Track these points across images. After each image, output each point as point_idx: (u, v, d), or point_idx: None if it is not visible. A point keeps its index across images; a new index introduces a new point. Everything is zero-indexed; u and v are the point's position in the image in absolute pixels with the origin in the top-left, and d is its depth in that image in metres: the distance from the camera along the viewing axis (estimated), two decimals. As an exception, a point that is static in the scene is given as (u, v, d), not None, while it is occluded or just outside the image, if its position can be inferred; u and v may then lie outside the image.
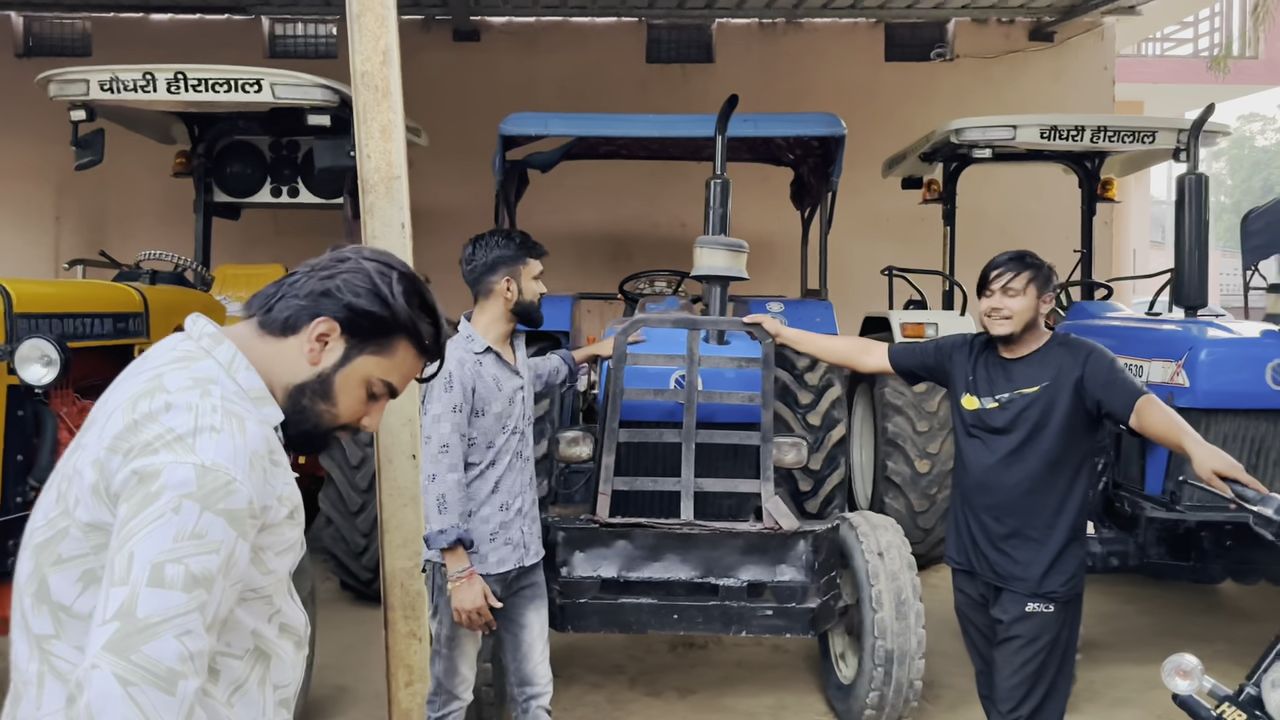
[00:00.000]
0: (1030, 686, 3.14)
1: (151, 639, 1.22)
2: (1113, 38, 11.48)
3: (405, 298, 1.56)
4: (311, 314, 1.52)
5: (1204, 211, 5.41)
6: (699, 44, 11.48)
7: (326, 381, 1.54)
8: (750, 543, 3.90)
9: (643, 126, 6.18)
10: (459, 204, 9.95)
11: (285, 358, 1.53)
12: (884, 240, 10.13)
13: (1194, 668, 2.39)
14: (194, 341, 1.49)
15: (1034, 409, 3.14)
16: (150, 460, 1.30)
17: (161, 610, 1.23)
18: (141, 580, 1.23)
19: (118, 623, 1.22)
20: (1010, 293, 3.16)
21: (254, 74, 5.75)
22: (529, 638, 3.36)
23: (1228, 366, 4.54)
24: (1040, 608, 3.13)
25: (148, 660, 1.21)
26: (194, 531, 1.28)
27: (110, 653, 1.21)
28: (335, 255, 1.59)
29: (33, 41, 11.29)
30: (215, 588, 1.29)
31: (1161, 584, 6.14)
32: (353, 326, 1.54)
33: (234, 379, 1.47)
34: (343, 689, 4.73)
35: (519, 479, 3.30)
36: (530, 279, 3.32)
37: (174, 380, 1.41)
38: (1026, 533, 3.15)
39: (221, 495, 1.31)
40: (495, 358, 3.26)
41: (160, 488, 1.28)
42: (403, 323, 1.56)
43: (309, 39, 11.37)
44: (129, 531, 1.27)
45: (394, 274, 1.57)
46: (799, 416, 5.88)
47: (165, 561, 1.25)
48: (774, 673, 5.01)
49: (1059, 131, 6.38)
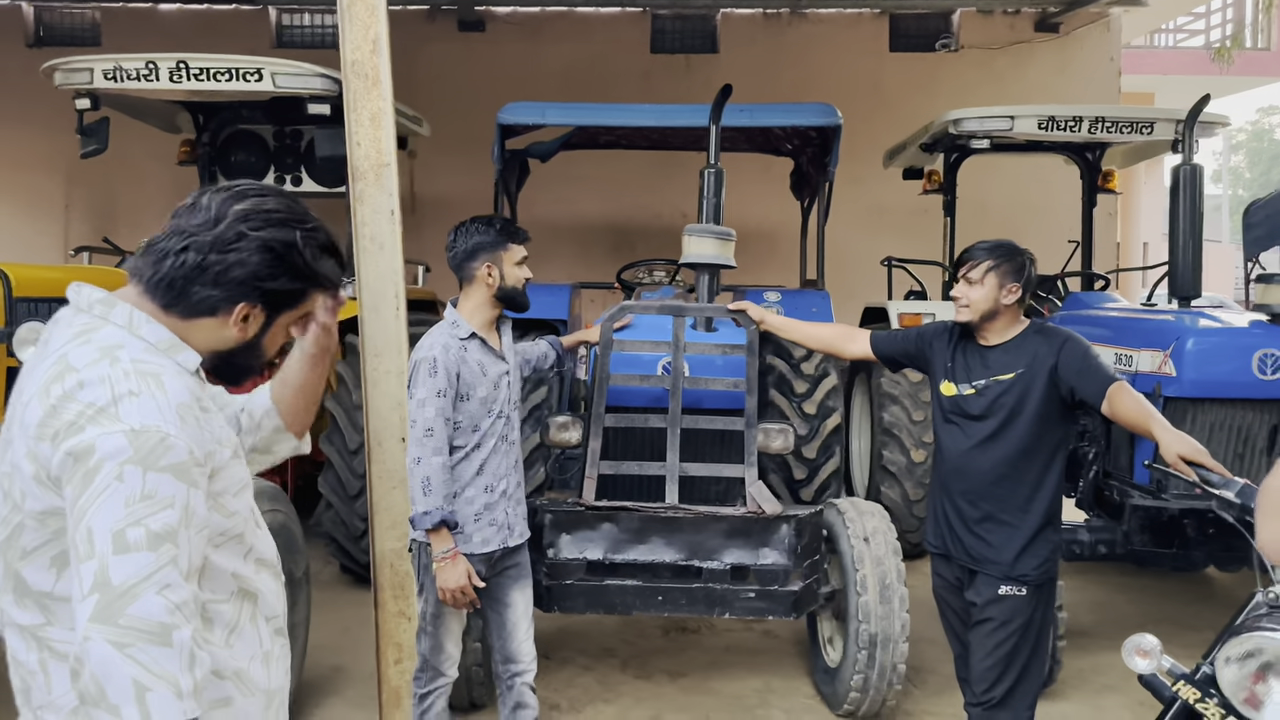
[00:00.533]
0: (1004, 669, 3.19)
1: (133, 600, 1.26)
2: (1119, 29, 11.45)
3: (317, 262, 1.58)
4: (230, 301, 1.52)
5: (1199, 203, 5.42)
6: (703, 34, 11.50)
7: (254, 345, 1.60)
8: (734, 526, 3.95)
9: (640, 116, 6.22)
10: (462, 193, 10.01)
11: (201, 332, 1.54)
12: (886, 231, 10.14)
13: (1153, 647, 2.44)
14: (86, 312, 1.49)
15: (1009, 396, 3.18)
16: (79, 439, 1.32)
17: (135, 572, 1.27)
18: (107, 550, 1.27)
19: (97, 594, 1.26)
20: (969, 281, 3.23)
21: (255, 63, 5.82)
22: (513, 616, 3.43)
23: (1215, 356, 4.56)
24: (1013, 590, 3.18)
25: (136, 620, 1.26)
26: (143, 493, 1.31)
27: (97, 623, 1.25)
28: (211, 219, 1.51)
29: (43, 31, 11.41)
30: (180, 540, 1.33)
31: (1152, 573, 6.18)
32: (272, 302, 1.57)
33: (139, 336, 1.47)
34: (338, 669, 4.81)
35: (504, 462, 3.36)
36: (512, 264, 3.36)
37: (79, 356, 1.41)
38: (1000, 517, 3.21)
39: (160, 453, 1.33)
40: (480, 343, 3.32)
41: (98, 461, 1.31)
42: (319, 281, 1.61)
43: (315, 29, 11.45)
44: (80, 509, 1.30)
45: (297, 238, 1.55)
46: (795, 405, 5.92)
47: (124, 527, 1.28)
48: (763, 657, 5.07)
49: (1057, 122, 6.39)
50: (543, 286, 6.37)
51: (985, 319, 3.24)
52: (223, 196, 1.53)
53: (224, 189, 1.54)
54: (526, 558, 3.52)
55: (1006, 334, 3.26)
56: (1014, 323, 3.28)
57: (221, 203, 1.52)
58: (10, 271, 3.72)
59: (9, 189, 11.01)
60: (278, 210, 1.55)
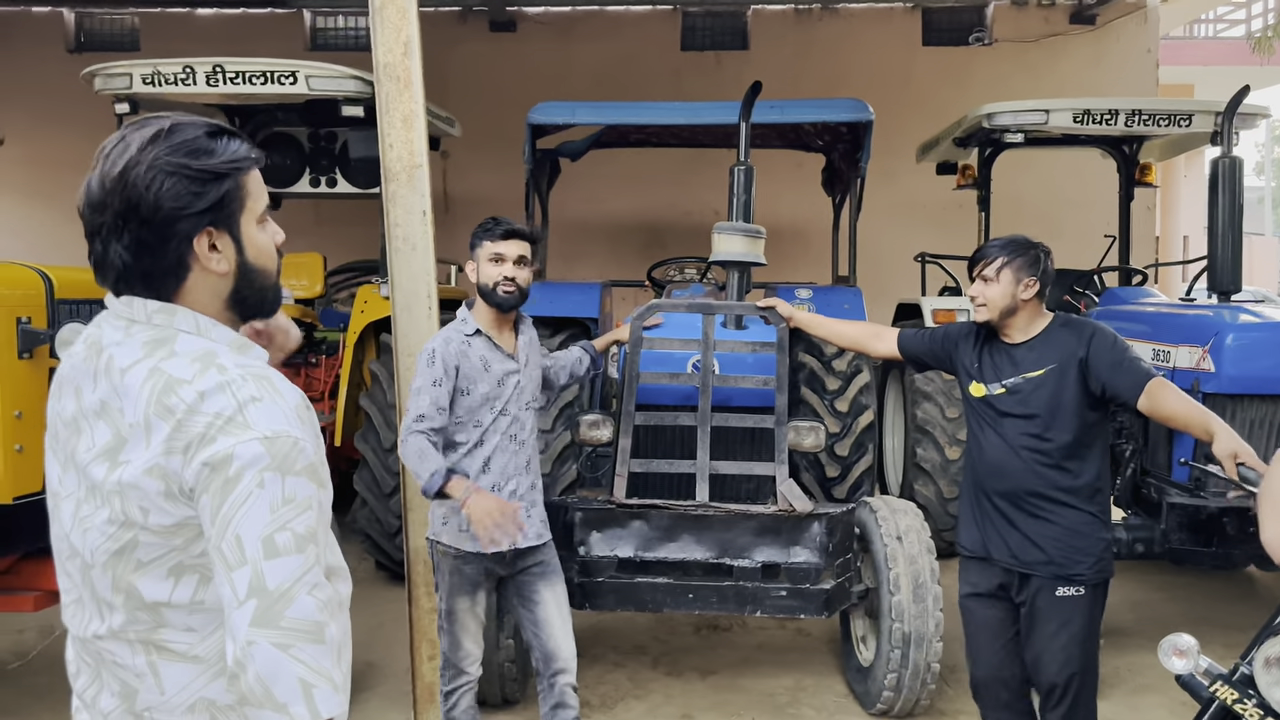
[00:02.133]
0: (1073, 670, 3.15)
1: (290, 603, 1.30)
2: (1157, 20, 11.28)
3: (220, 152, 1.45)
4: (187, 241, 1.44)
5: (1239, 195, 5.33)
6: (734, 31, 11.48)
7: (245, 268, 1.50)
8: (764, 524, 3.95)
9: (670, 114, 6.22)
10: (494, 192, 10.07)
11: (198, 291, 1.47)
12: (920, 226, 10.07)
13: (1190, 647, 2.41)
14: (145, 323, 1.45)
15: (1041, 392, 3.14)
16: (214, 449, 1.33)
17: (287, 576, 1.31)
18: (259, 556, 1.30)
19: (255, 599, 1.29)
20: (984, 280, 3.20)
21: (289, 66, 5.88)
22: (544, 613, 3.42)
23: (1255, 352, 4.49)
24: (1071, 591, 3.12)
25: (294, 622, 1.30)
26: (285, 498, 1.34)
27: (260, 627, 1.29)
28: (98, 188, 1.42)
29: (84, 37, 11.63)
30: (320, 539, 1.38)
31: (1191, 572, 6.09)
32: (219, 214, 1.46)
33: (212, 340, 1.45)
34: (371, 665, 4.86)
35: (512, 461, 3.37)
36: (486, 261, 3.35)
37: (179, 369, 1.39)
38: (1047, 516, 3.13)
39: (294, 457, 1.36)
40: (486, 340, 3.36)
41: (238, 470, 1.32)
42: (239, 165, 1.47)
43: (349, 31, 11.57)
44: (225, 518, 1.32)
45: (180, 143, 1.43)
46: (827, 403, 5.90)
47: (272, 533, 1.31)
48: (794, 655, 5.06)
49: (1093, 115, 6.30)
50: (573, 285, 6.41)
51: (1005, 315, 3.20)
52: (95, 174, 1.44)
53: (92, 169, 1.45)
54: (552, 556, 3.50)
55: (1031, 330, 3.23)
56: (1037, 317, 3.24)
57: (97, 180, 1.43)
58: (52, 274, 3.79)
59: (50, 192, 11.22)
60: (139, 140, 1.43)
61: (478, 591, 3.37)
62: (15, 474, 3.58)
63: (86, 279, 4.09)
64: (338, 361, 6.65)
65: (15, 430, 3.58)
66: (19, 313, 3.62)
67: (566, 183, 7.29)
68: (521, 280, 3.36)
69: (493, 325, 3.39)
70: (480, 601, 3.39)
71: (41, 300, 3.73)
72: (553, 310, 6.03)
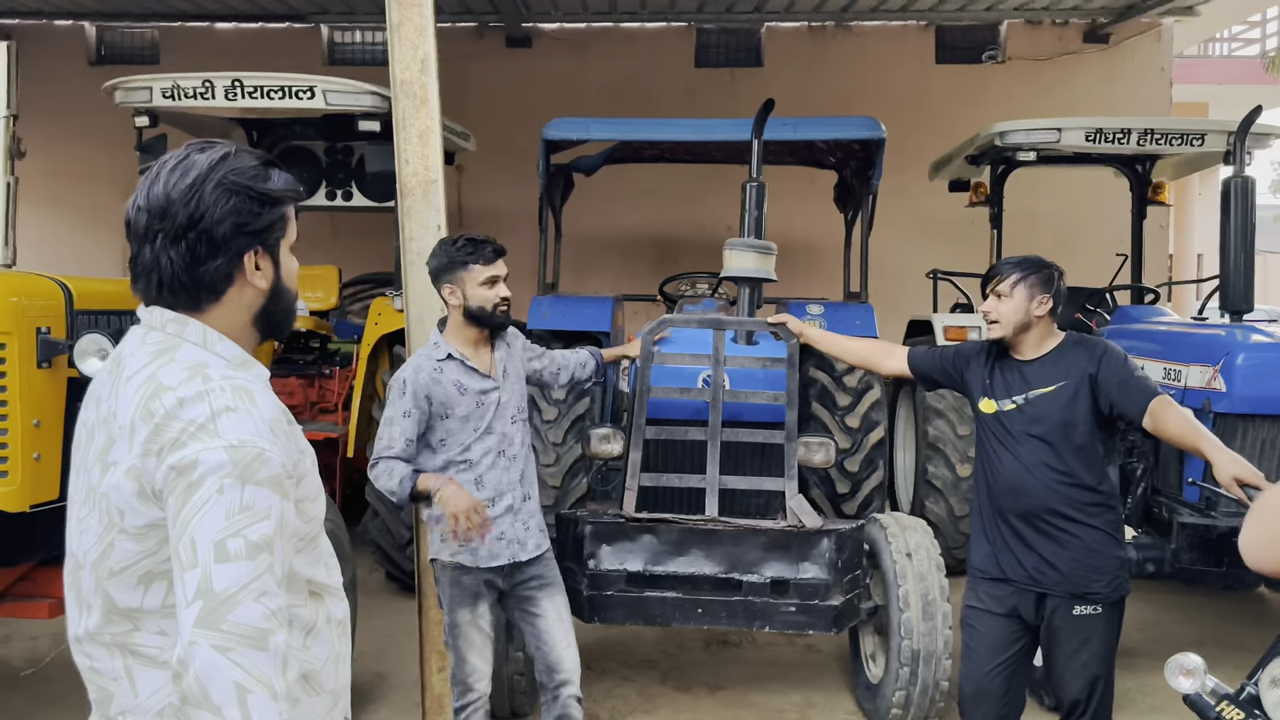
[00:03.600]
0: (1092, 688, 3.17)
1: (234, 607, 1.33)
2: (1170, 39, 11.28)
3: (271, 180, 1.58)
4: (237, 257, 1.54)
5: (1250, 215, 5.33)
6: (748, 48, 11.53)
7: (279, 290, 1.62)
8: (774, 540, 3.96)
9: (683, 131, 6.27)
10: (509, 206, 10.13)
11: (233, 307, 1.57)
12: (933, 243, 10.07)
13: (1197, 666, 2.41)
14: (160, 330, 1.53)
15: (1053, 410, 3.15)
16: (182, 454, 1.39)
17: (235, 580, 1.34)
18: (210, 559, 1.34)
19: (201, 601, 1.33)
20: (999, 296, 3.21)
21: (307, 81, 5.95)
22: (546, 625, 3.43)
23: (1266, 372, 4.48)
24: (1088, 610, 3.13)
25: (237, 626, 1.33)
26: (242, 505, 1.38)
27: (202, 628, 1.32)
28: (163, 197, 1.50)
29: (104, 50, 11.76)
30: (275, 549, 1.40)
31: (1202, 592, 6.06)
32: (268, 236, 1.58)
33: (214, 353, 1.52)
34: (381, 676, 4.88)
35: (505, 477, 3.38)
36: (476, 285, 3.32)
37: (169, 375, 1.46)
38: (1061, 535, 3.13)
39: (257, 467, 1.40)
40: (459, 364, 3.35)
41: (200, 475, 1.37)
42: (287, 195, 1.60)
43: (366, 46, 11.67)
44: (183, 521, 1.36)
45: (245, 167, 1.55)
46: (837, 419, 5.90)
47: (225, 538, 1.35)
48: (804, 671, 5.05)
49: (1105, 134, 6.32)
50: (585, 299, 6.45)
51: (1019, 332, 3.22)
52: (158, 184, 1.52)
53: (146, 180, 1.54)
54: (552, 568, 3.52)
55: (1043, 347, 3.24)
56: (1049, 335, 3.25)
57: (160, 189, 1.51)
58: (72, 284, 3.85)
59: (71, 204, 11.35)
60: (208, 159, 1.53)
61: (478, 603, 3.36)
62: (33, 482, 3.63)
63: (105, 290, 4.15)
64: (351, 373, 6.69)
65: (33, 439, 3.63)
66: (39, 323, 3.67)
67: (580, 197, 7.34)
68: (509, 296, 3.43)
69: (469, 345, 3.40)
70: (483, 614, 3.37)
71: (61, 311, 3.78)
72: (565, 324, 6.07)
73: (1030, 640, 3.30)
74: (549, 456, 5.45)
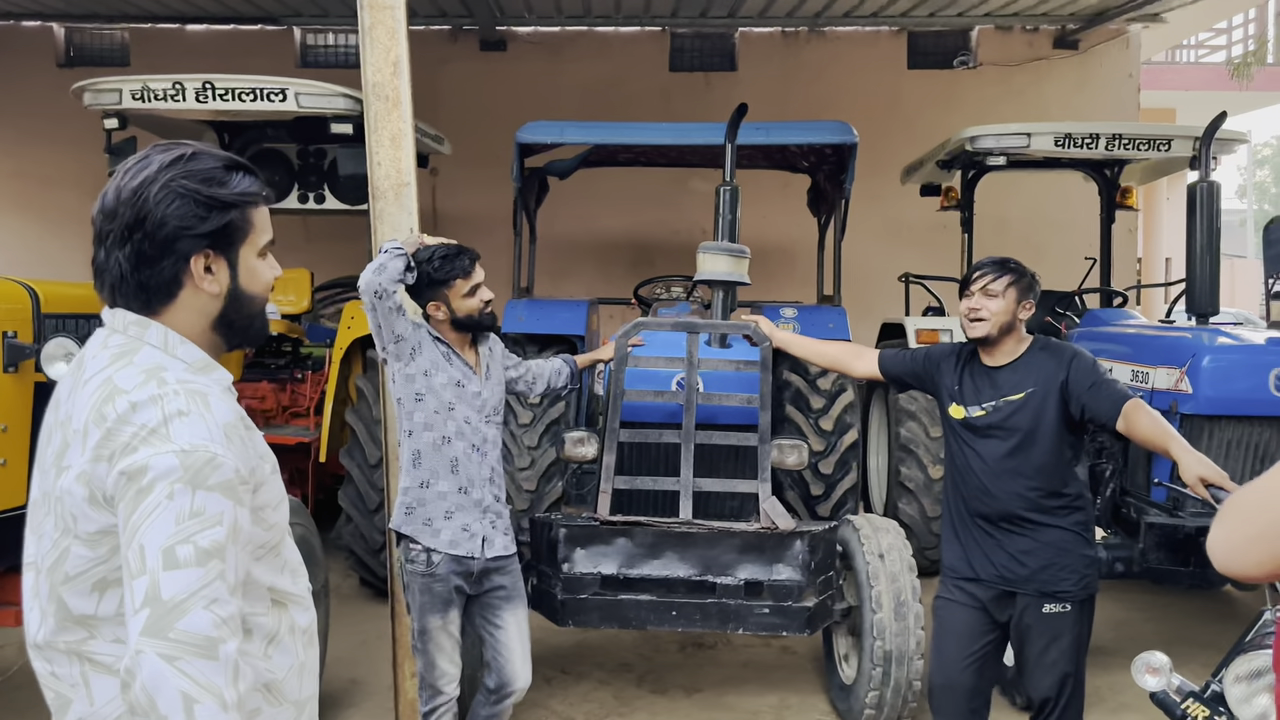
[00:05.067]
0: (1061, 685, 3.21)
1: (182, 615, 1.31)
2: (1138, 45, 11.43)
3: (230, 184, 1.55)
4: (184, 259, 1.52)
5: (1216, 219, 5.41)
6: (722, 52, 11.57)
7: (235, 294, 1.58)
8: (747, 542, 3.98)
9: (657, 135, 6.28)
10: (483, 210, 10.12)
11: (186, 310, 1.55)
12: (906, 247, 10.14)
13: (1163, 665, 2.45)
14: (121, 333, 1.52)
15: (1022, 415, 3.19)
16: (133, 459, 1.37)
17: (184, 588, 1.32)
18: (158, 566, 1.32)
19: (148, 609, 1.30)
20: (989, 294, 3.23)
21: (279, 84, 5.92)
22: (506, 638, 3.47)
23: (1231, 373, 4.55)
24: (1057, 608, 3.18)
25: (184, 635, 1.30)
26: (192, 511, 1.35)
27: (149, 636, 1.29)
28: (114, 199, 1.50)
29: (73, 52, 11.62)
30: (228, 555, 1.37)
31: (1170, 592, 6.13)
32: (219, 240, 1.54)
33: (175, 356, 1.51)
34: (355, 682, 4.85)
35: (478, 471, 3.43)
36: (461, 297, 3.40)
37: (125, 379, 1.44)
38: (1030, 535, 3.19)
39: (208, 472, 1.37)
40: (450, 350, 3.44)
41: (150, 481, 1.35)
42: (246, 199, 1.56)
43: (339, 49, 11.62)
44: (133, 526, 1.34)
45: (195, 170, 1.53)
46: (811, 421, 5.94)
47: (174, 544, 1.33)
48: (779, 673, 5.07)
49: (1074, 139, 6.40)
50: (560, 302, 6.45)
51: (1003, 333, 3.25)
52: (113, 185, 1.52)
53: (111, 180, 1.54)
54: (517, 580, 3.56)
55: (1013, 353, 3.28)
56: (1020, 341, 3.30)
57: (114, 190, 1.52)
58: (38, 288, 3.80)
59: (39, 207, 11.21)
60: (162, 160, 1.53)
61: (449, 609, 3.38)
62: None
63: (74, 294, 4.10)
64: (324, 377, 6.66)
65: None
66: (5, 327, 3.63)
67: (555, 201, 7.34)
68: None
69: (455, 345, 3.47)
70: (453, 620, 3.40)
71: (28, 314, 3.73)
72: (540, 327, 6.07)
73: (999, 636, 3.34)
74: (524, 460, 5.44)
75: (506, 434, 5.15)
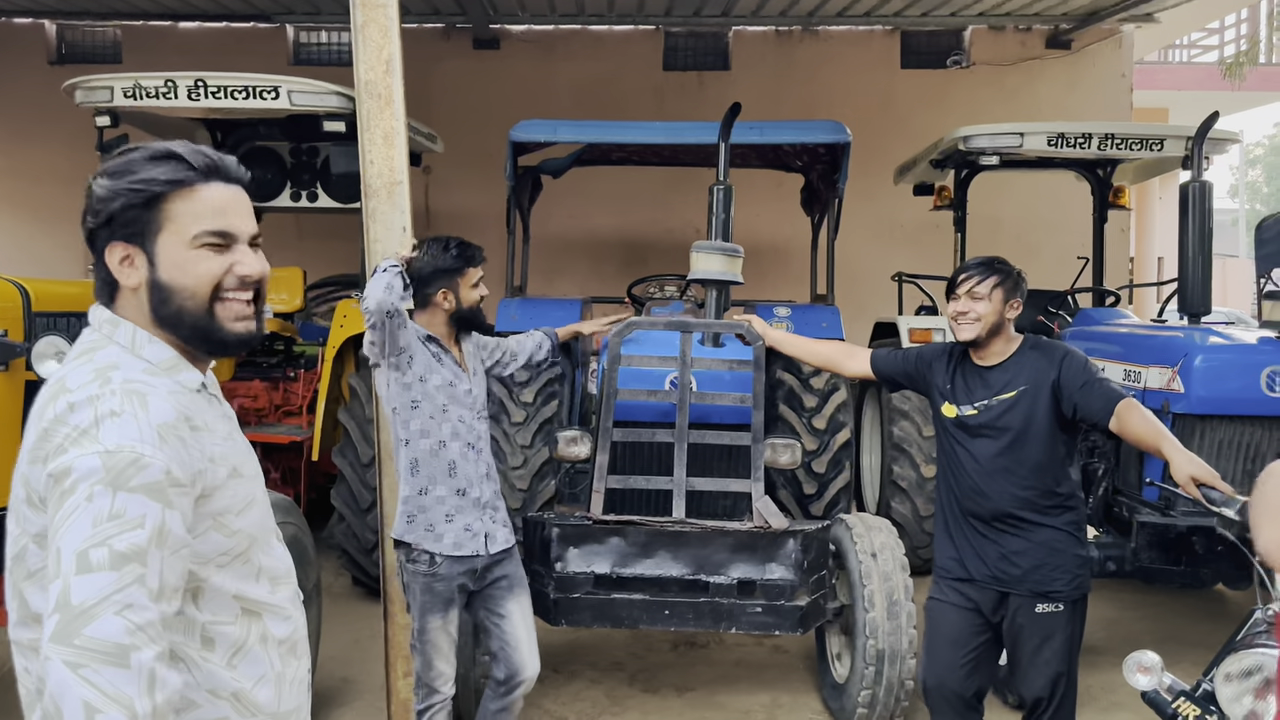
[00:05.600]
0: (1054, 685, 3.22)
1: (90, 621, 1.25)
2: (1131, 45, 11.46)
3: (143, 170, 1.50)
4: (102, 254, 1.52)
5: (1208, 219, 5.42)
6: (715, 51, 11.57)
7: (157, 286, 1.51)
8: (740, 541, 3.98)
9: (651, 134, 6.28)
10: (476, 208, 10.09)
11: (127, 306, 1.53)
12: (899, 246, 10.16)
13: (1154, 664, 2.45)
14: (96, 331, 1.52)
15: (1014, 414, 3.19)
16: (61, 460, 1.33)
17: (94, 593, 1.26)
18: (70, 570, 1.27)
19: (58, 614, 1.25)
20: (975, 296, 3.23)
21: (271, 81, 5.89)
22: (511, 628, 3.47)
23: (1223, 373, 4.56)
24: (1049, 608, 3.18)
25: (91, 641, 1.24)
26: (111, 513, 1.30)
27: (55, 642, 1.24)
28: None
29: (65, 49, 11.58)
30: (150, 559, 1.31)
31: (1162, 591, 6.15)
32: (126, 230, 1.51)
33: (140, 356, 1.49)
34: (348, 681, 4.84)
35: (474, 470, 3.44)
36: (469, 287, 3.45)
37: (75, 378, 1.43)
38: (1023, 535, 3.19)
39: (131, 473, 1.32)
40: (439, 346, 3.44)
41: (73, 482, 1.31)
42: (156, 184, 1.50)
43: (331, 47, 11.59)
44: (54, 529, 1.31)
45: (116, 166, 1.51)
46: (804, 420, 5.94)
47: (88, 548, 1.28)
48: (771, 672, 5.08)
49: (1066, 139, 6.41)
50: (554, 301, 6.44)
51: (992, 334, 3.25)
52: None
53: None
54: (518, 569, 3.56)
55: (1004, 352, 3.28)
56: (1010, 340, 3.30)
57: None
58: (29, 286, 3.79)
59: (30, 204, 11.17)
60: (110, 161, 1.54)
61: (450, 609, 3.38)
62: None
63: (65, 292, 4.09)
64: (316, 375, 6.64)
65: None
66: (-5, 325, 3.62)
67: (548, 199, 7.33)
68: None
69: (446, 340, 3.49)
70: (453, 620, 3.40)
71: (18, 313, 3.72)
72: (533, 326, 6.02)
73: (993, 636, 3.34)
74: (517, 459, 5.43)
75: (499, 432, 5.14)
